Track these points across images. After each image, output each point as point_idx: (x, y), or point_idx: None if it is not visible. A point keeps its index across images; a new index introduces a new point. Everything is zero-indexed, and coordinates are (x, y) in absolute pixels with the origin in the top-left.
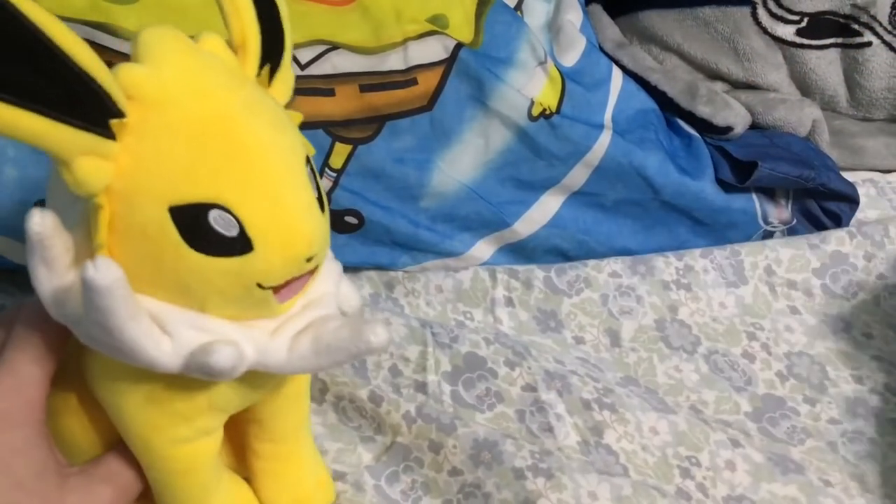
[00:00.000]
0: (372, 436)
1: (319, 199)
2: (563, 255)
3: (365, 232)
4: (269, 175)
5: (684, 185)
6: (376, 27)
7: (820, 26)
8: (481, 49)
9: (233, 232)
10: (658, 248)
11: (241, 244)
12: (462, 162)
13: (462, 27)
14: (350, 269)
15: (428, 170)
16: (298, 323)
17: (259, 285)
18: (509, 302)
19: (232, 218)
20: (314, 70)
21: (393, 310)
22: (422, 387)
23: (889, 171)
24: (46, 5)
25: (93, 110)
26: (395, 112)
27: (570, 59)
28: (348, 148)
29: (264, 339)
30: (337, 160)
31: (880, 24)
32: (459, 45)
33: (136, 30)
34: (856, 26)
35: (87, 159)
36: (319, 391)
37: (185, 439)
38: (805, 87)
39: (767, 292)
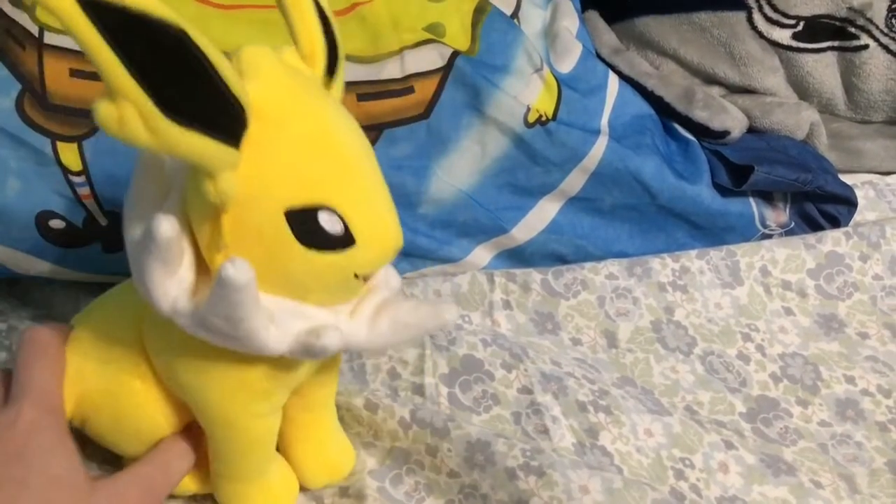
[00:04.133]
0: (372, 441)
1: None
2: (561, 260)
3: None
4: (364, 178)
5: (681, 190)
6: (374, 36)
7: (816, 30)
8: (478, 57)
9: (338, 230)
10: (655, 252)
11: (345, 240)
12: (459, 169)
13: (458, 35)
14: None
15: (425, 177)
16: (369, 304)
17: (356, 275)
18: (507, 305)
19: (338, 218)
20: None
21: None
22: (419, 389)
23: (888, 174)
24: (47, 20)
25: (237, 128)
26: (392, 120)
27: (566, 66)
28: None
29: (346, 321)
30: None
31: (877, 27)
32: (456, 53)
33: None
34: (852, 29)
35: (230, 172)
36: None
37: (263, 414)
38: (802, 90)
39: (762, 293)
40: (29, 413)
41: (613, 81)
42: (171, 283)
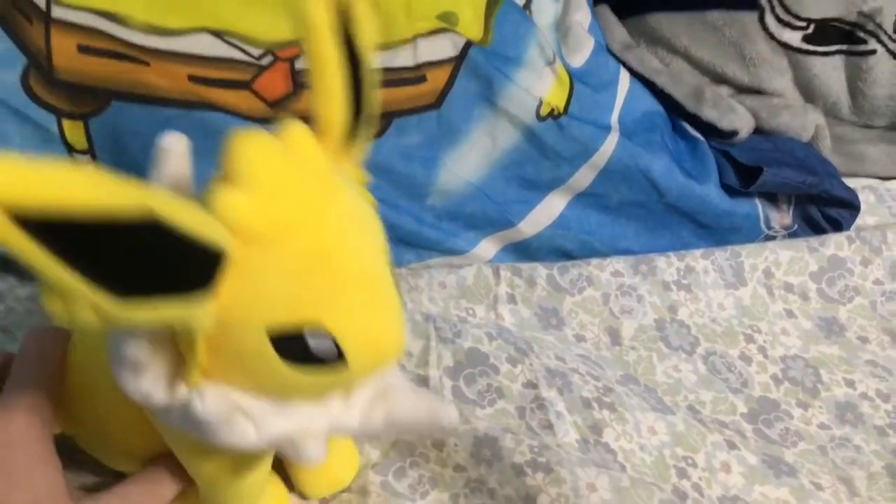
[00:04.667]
0: None
1: (395, 279)
2: (567, 256)
3: None
4: (361, 291)
5: (689, 189)
6: (386, 23)
7: (826, 33)
8: (491, 47)
9: (327, 349)
10: (661, 250)
11: (334, 359)
12: (469, 160)
13: (472, 25)
14: None
15: (435, 167)
16: (366, 392)
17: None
18: (511, 299)
19: (328, 339)
20: None
21: None
22: (423, 381)
23: (888, 179)
24: None
25: (211, 275)
26: (403, 109)
27: (578, 60)
28: None
29: (338, 411)
30: None
31: (885, 33)
32: (469, 43)
33: (144, 19)
34: (861, 34)
35: (202, 310)
36: None
37: (249, 475)
38: (809, 93)
39: (765, 294)
40: (18, 424)
41: (625, 77)
42: (143, 381)
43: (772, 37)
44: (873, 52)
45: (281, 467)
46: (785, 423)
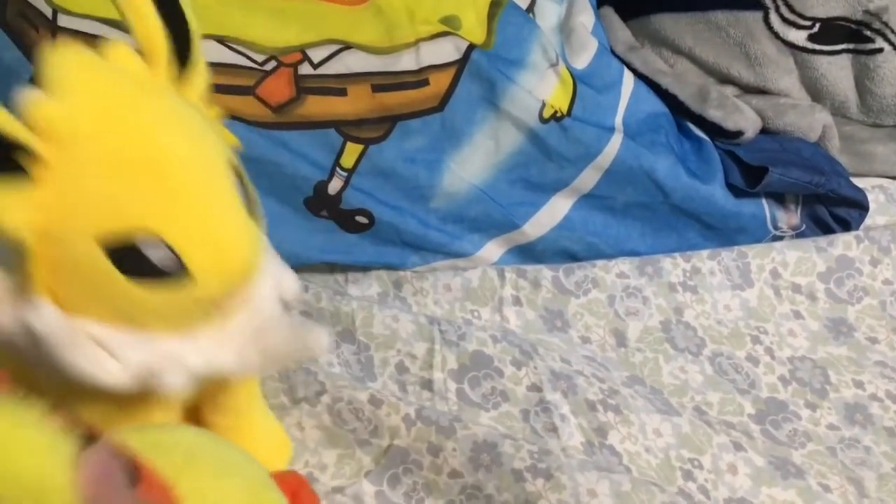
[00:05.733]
0: (368, 439)
1: (248, 199)
2: (572, 258)
3: (375, 232)
4: (194, 197)
5: (694, 189)
6: (389, 27)
7: (832, 32)
8: (493, 50)
9: (167, 261)
10: (667, 251)
11: (176, 271)
12: (472, 163)
13: (474, 28)
14: (359, 268)
15: (438, 170)
16: (243, 327)
17: (199, 304)
18: (517, 301)
19: (165, 247)
20: (327, 69)
21: (401, 308)
22: (428, 384)
23: None
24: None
25: (7, 165)
26: (406, 112)
27: (581, 62)
28: (360, 148)
29: (211, 348)
30: (348, 160)
31: (892, 31)
32: (472, 47)
33: None
34: (868, 32)
35: (19, 209)
36: (316, 393)
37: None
38: (816, 92)
39: (772, 295)
40: None
41: (628, 78)
42: (6, 325)
43: (777, 36)
44: (880, 50)
45: None
46: (793, 423)
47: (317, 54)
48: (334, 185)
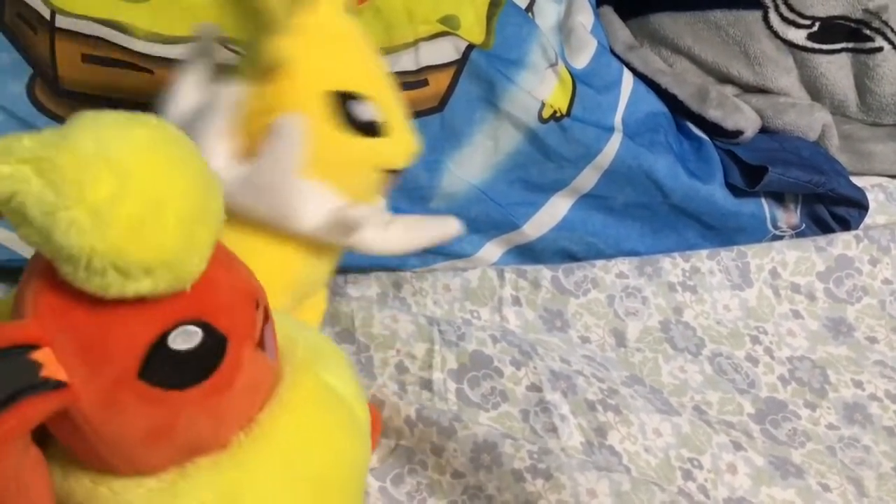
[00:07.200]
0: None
1: None
2: (572, 258)
3: None
4: (392, 88)
5: (694, 189)
6: (388, 28)
7: (831, 31)
8: (492, 50)
9: (370, 117)
10: (666, 251)
11: (374, 129)
12: (472, 163)
13: (473, 28)
14: (359, 268)
15: (438, 171)
16: (381, 215)
17: (381, 169)
18: (516, 301)
19: (371, 107)
20: None
21: (400, 308)
22: (427, 384)
23: None
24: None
25: None
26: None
27: (580, 61)
28: None
29: (374, 234)
30: None
31: (892, 30)
32: (471, 47)
33: (147, 27)
34: (867, 31)
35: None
36: None
37: (325, 261)
38: (815, 91)
39: (771, 295)
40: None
41: (628, 78)
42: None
43: (776, 35)
44: (880, 49)
45: None
46: (793, 423)
47: None
48: None
